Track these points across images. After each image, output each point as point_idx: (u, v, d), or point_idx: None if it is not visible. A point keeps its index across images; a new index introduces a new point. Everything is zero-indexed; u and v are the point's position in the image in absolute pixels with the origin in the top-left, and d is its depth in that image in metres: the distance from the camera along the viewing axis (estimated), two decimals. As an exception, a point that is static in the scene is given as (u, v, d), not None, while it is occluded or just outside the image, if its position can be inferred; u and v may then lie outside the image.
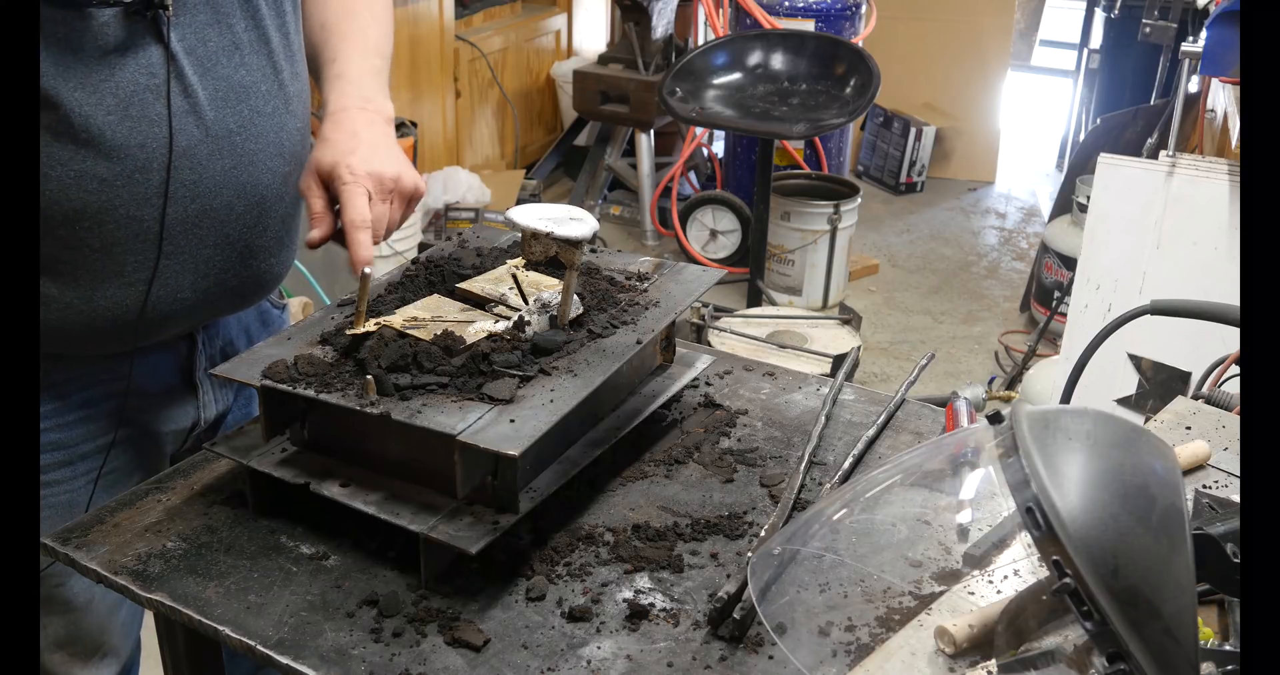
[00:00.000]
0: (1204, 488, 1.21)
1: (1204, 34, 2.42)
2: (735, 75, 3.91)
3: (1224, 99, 2.94)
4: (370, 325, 1.14)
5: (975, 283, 4.64)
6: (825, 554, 1.00)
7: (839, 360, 2.96)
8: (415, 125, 4.05)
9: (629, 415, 1.26)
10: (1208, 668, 0.88)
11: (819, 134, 4.31)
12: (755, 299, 3.97)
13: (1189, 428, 1.35)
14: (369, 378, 1.05)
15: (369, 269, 1.13)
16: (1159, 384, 2.48)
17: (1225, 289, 2.10)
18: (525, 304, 1.19)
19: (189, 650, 1.17)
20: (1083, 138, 4.42)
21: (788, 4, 4.53)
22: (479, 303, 1.22)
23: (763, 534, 1.12)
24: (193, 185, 1.21)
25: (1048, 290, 4.01)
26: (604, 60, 4.68)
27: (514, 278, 1.24)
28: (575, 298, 1.19)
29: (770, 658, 0.99)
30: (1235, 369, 1.47)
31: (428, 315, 1.17)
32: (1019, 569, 0.96)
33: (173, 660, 1.19)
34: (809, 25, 4.46)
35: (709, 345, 3.17)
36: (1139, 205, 2.49)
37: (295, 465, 1.13)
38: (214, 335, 1.40)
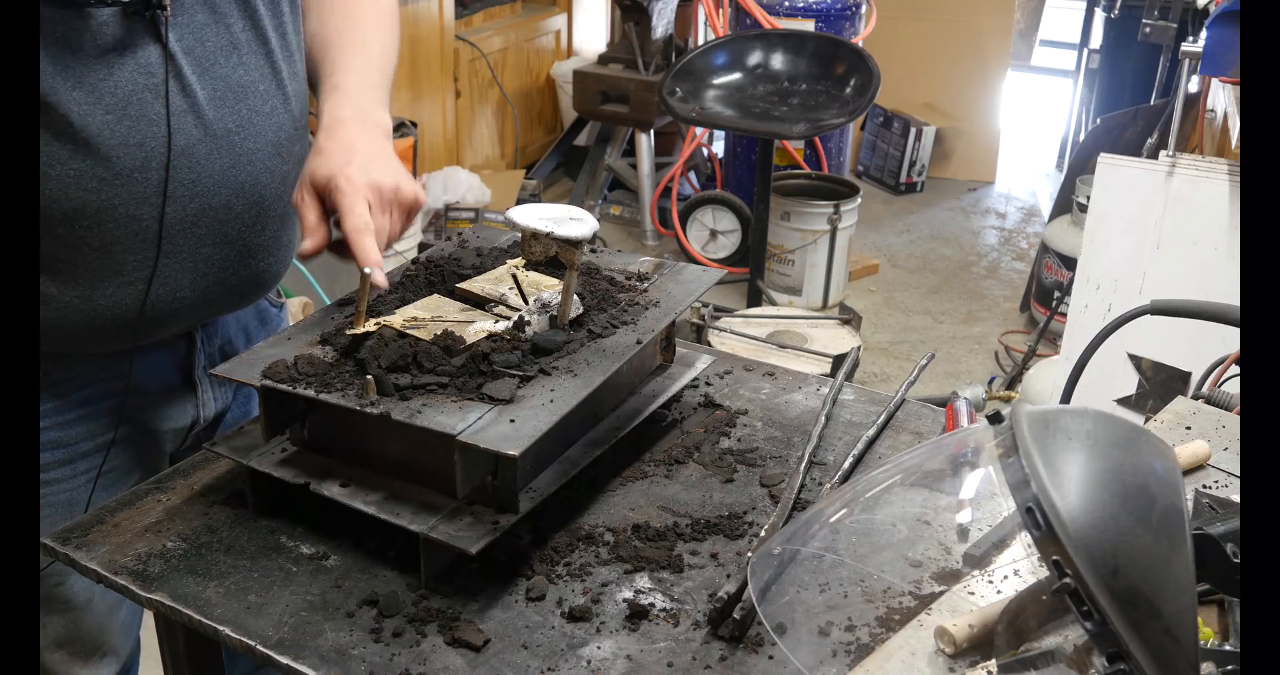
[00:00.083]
0: (1204, 488, 1.21)
1: (1204, 34, 2.42)
2: (735, 75, 3.91)
3: (1224, 99, 2.94)
4: (370, 325, 1.14)
5: (975, 283, 4.64)
6: (825, 554, 1.00)
7: (839, 360, 2.96)
8: (415, 125, 4.05)
9: (629, 415, 1.26)
10: (1208, 668, 0.88)
11: (819, 134, 4.31)
12: (755, 299, 3.97)
13: (1189, 428, 1.35)
14: (369, 378, 1.05)
15: (369, 270, 1.13)
16: (1159, 384, 2.48)
17: (1225, 289, 2.10)
18: (525, 304, 1.19)
19: (189, 650, 1.17)
20: (1083, 138, 4.42)
21: (788, 4, 4.53)
22: (479, 303, 1.22)
23: (763, 534, 1.12)
24: (191, 184, 1.22)
25: (1048, 290, 4.01)
26: (604, 60, 4.68)
27: (514, 278, 1.24)
28: (575, 298, 1.19)
29: (770, 658, 0.99)
30: (1235, 369, 1.47)
31: (428, 315, 1.17)
32: (1019, 569, 0.96)
33: (173, 660, 1.19)
34: (809, 25, 4.46)
35: (709, 345, 3.17)
36: (1139, 205, 2.49)
37: (295, 465, 1.13)
38: (213, 334, 1.40)
